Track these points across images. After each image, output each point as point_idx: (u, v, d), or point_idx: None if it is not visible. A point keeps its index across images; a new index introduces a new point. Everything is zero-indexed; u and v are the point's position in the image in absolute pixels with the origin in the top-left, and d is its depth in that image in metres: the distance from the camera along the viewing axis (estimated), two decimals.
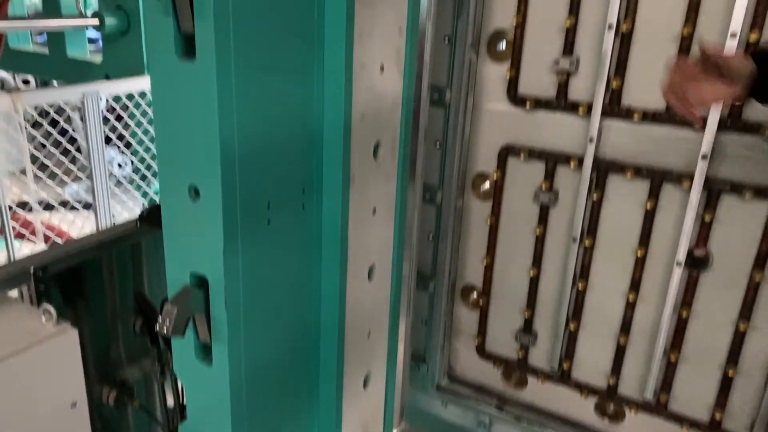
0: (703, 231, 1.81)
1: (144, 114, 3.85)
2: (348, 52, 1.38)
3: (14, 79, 7.14)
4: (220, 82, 1.08)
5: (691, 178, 1.76)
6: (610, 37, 1.77)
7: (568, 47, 1.86)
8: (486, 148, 2.10)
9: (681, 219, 1.81)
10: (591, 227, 1.98)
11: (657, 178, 1.83)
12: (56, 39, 4.62)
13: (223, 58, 1.09)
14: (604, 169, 1.90)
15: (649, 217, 1.88)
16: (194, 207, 1.20)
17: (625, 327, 2.02)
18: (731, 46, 1.61)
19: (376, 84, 1.54)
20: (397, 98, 1.70)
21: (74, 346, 1.38)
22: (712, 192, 1.76)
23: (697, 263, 1.84)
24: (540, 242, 2.09)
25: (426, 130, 1.99)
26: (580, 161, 1.91)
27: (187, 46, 1.11)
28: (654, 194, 1.84)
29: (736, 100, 1.43)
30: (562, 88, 1.91)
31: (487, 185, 2.15)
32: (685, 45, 1.70)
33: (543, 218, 2.06)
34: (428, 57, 1.78)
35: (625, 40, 1.78)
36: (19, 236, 3.34)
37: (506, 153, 2.06)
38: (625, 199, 1.91)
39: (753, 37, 1.60)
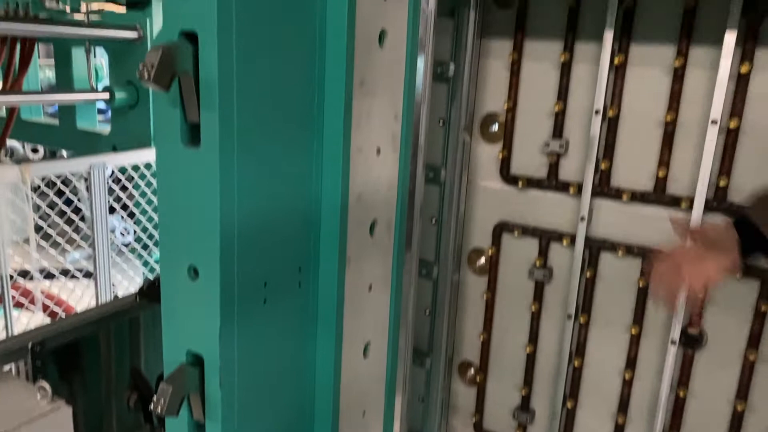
0: (696, 310, 1.83)
1: (148, 184, 3.94)
2: (346, 137, 1.45)
3: (23, 147, 7.32)
4: (222, 169, 1.14)
5: None
6: (597, 122, 1.85)
7: (558, 130, 1.94)
8: (481, 225, 2.15)
9: None
10: (585, 304, 2.00)
11: (648, 257, 1.86)
12: (67, 111, 4.79)
13: (226, 146, 1.15)
14: (596, 248, 1.94)
15: (642, 295, 1.91)
16: (193, 286, 1.23)
17: (623, 405, 2.00)
18: (713, 132, 1.69)
19: (372, 166, 1.61)
20: (393, 178, 1.76)
21: (68, 423, 1.38)
22: None
23: (691, 342, 1.85)
24: (536, 318, 2.11)
25: (422, 207, 2.04)
26: (573, 239, 1.96)
27: (192, 134, 1.17)
28: (646, 273, 1.87)
29: (736, 269, 1.34)
30: (553, 168, 1.98)
31: (482, 260, 2.19)
32: (669, 130, 1.78)
33: (538, 294, 2.08)
34: (423, 139, 1.85)
35: (612, 125, 1.86)
36: (18, 305, 3.35)
37: (501, 229, 2.11)
38: (617, 276, 1.94)
39: (732, 124, 1.68)
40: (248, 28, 1.14)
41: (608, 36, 1.78)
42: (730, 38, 1.63)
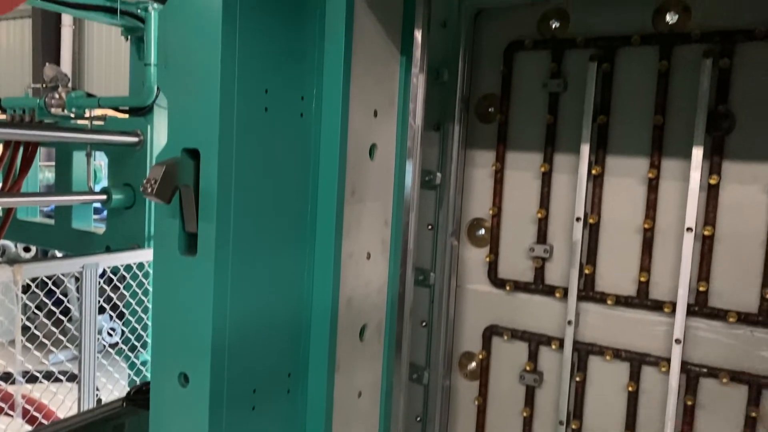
0: (687, 415, 1.82)
1: (140, 285, 3.95)
2: (337, 244, 1.51)
3: (15, 246, 7.34)
4: (216, 278, 1.18)
5: (668, 361, 1.81)
6: (579, 228, 1.92)
7: (542, 236, 2.01)
8: (471, 328, 2.17)
9: (663, 402, 1.83)
10: (577, 410, 1.98)
11: (636, 361, 1.88)
12: (63, 211, 4.87)
13: (222, 255, 1.20)
14: (584, 352, 1.95)
15: (632, 400, 1.90)
16: (183, 392, 1.24)
17: None
18: (689, 239, 1.76)
19: (362, 271, 1.66)
20: (383, 282, 1.80)
21: None
22: (691, 376, 1.81)
23: None
24: (528, 425, 2.07)
25: (411, 310, 2.07)
26: (561, 343, 1.98)
27: (190, 243, 1.22)
28: (634, 377, 1.88)
29: None
30: (539, 272, 2.03)
31: (473, 365, 2.18)
32: (647, 236, 1.86)
33: (529, 400, 2.07)
34: (412, 243, 1.91)
35: (593, 231, 1.93)
36: None
37: (490, 333, 2.12)
38: (607, 381, 1.94)
39: (707, 232, 1.76)
40: (247, 145, 1.23)
41: (584, 149, 1.90)
42: (697, 152, 1.74)
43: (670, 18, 1.81)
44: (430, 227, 2.13)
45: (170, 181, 1.12)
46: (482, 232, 2.15)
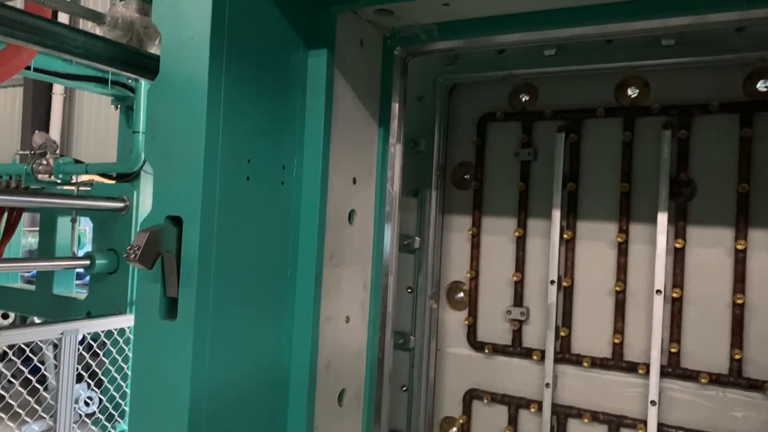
0: None
1: (120, 351, 3.89)
2: (315, 307, 1.54)
3: None
4: (196, 342, 1.21)
5: (645, 423, 1.83)
6: (553, 291, 1.98)
7: (518, 299, 2.06)
8: (451, 392, 2.17)
9: None
10: None
11: (614, 424, 1.89)
12: (45, 276, 4.83)
13: (201, 320, 1.23)
14: (563, 414, 1.97)
15: None
16: None
17: None
18: (658, 301, 1.82)
19: (341, 335, 1.68)
20: (362, 346, 1.83)
21: None
22: None
23: None
24: None
25: (391, 374, 2.08)
26: (540, 406, 1.99)
27: (171, 308, 1.25)
28: None
29: None
30: (517, 335, 2.06)
31: (454, 430, 2.17)
32: (619, 299, 1.91)
33: None
34: (392, 307, 1.94)
35: (567, 294, 1.99)
36: None
37: (471, 397, 2.13)
38: None
39: (675, 294, 1.82)
40: (229, 212, 1.29)
41: (556, 214, 1.98)
42: (662, 218, 1.82)
43: (632, 92, 1.94)
44: (409, 290, 2.17)
45: (153, 247, 1.16)
46: (461, 295, 2.19)
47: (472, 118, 2.17)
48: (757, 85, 1.78)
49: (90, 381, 3.88)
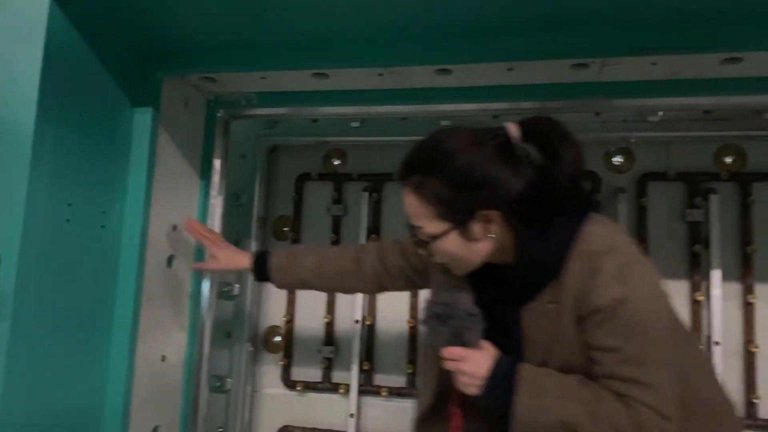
0: None
1: None
2: (132, 345, 1.64)
3: None
4: (8, 376, 1.25)
5: None
6: (358, 330, 2.24)
7: (328, 338, 2.29)
8: (265, 431, 2.30)
9: None
10: None
11: None
12: None
13: (14, 355, 1.28)
14: None
15: None
16: None
17: None
18: None
19: (157, 372, 1.77)
20: (178, 385, 1.92)
21: None
22: None
23: None
24: None
25: (207, 415, 2.15)
26: None
27: None
28: None
29: None
30: (326, 371, 2.28)
31: None
32: (412, 333, 2.22)
33: None
34: (207, 349, 2.04)
35: (370, 331, 2.26)
36: None
37: None
38: None
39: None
40: (47, 252, 1.37)
41: None
42: None
43: None
44: (228, 335, 2.30)
45: None
46: (278, 338, 2.37)
47: (290, 176, 2.42)
48: None
49: None
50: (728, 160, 2.11)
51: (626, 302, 1.10)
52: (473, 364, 1.20)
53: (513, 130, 1.16)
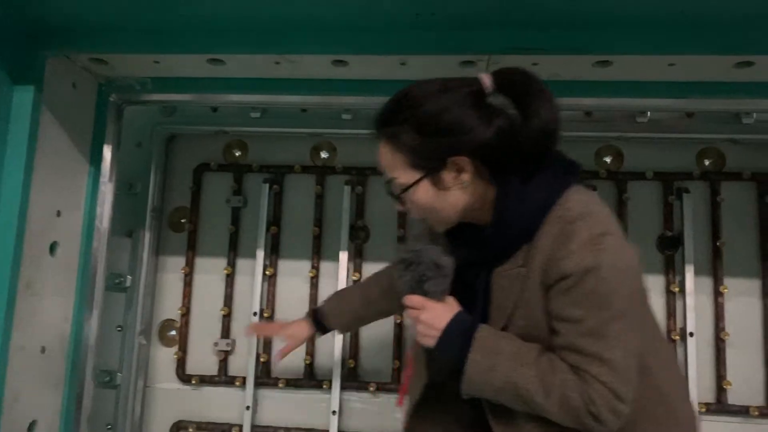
0: None
1: None
2: (5, 335, 1.55)
3: None
4: None
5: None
6: (256, 321, 2.22)
7: (225, 331, 2.26)
8: (158, 427, 2.24)
9: None
10: None
11: None
12: None
13: None
14: None
15: None
16: None
17: None
18: None
19: (34, 365, 1.68)
20: (59, 379, 1.83)
21: None
22: None
23: None
24: None
25: (95, 411, 2.05)
26: (241, 429, 2.18)
27: None
28: None
29: None
30: (223, 365, 2.25)
31: None
32: None
33: None
34: (94, 341, 1.95)
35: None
36: None
37: (177, 428, 2.22)
38: None
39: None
40: None
41: (260, 254, 2.26)
42: (343, 256, 2.22)
43: (324, 155, 2.35)
44: (119, 329, 2.21)
45: None
46: (173, 332, 2.31)
47: (188, 167, 2.37)
48: None
49: None
50: (608, 159, 2.28)
51: (595, 271, 1.06)
52: (432, 314, 1.19)
53: (486, 79, 1.15)
